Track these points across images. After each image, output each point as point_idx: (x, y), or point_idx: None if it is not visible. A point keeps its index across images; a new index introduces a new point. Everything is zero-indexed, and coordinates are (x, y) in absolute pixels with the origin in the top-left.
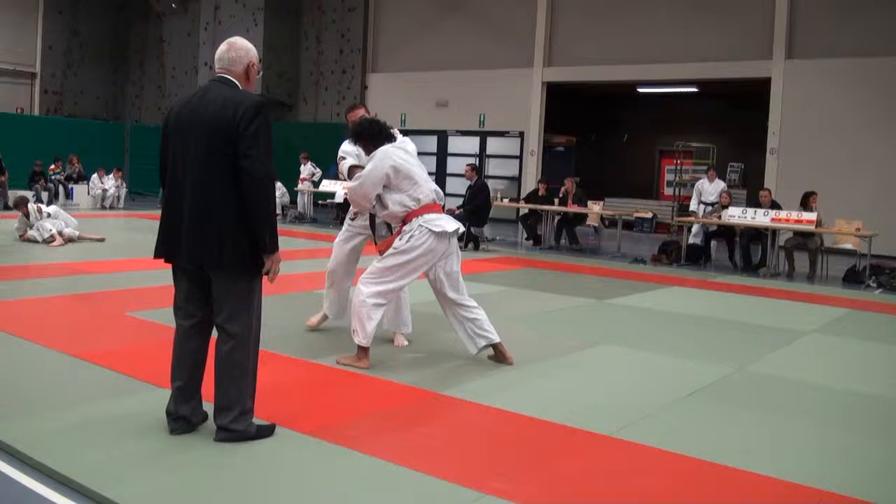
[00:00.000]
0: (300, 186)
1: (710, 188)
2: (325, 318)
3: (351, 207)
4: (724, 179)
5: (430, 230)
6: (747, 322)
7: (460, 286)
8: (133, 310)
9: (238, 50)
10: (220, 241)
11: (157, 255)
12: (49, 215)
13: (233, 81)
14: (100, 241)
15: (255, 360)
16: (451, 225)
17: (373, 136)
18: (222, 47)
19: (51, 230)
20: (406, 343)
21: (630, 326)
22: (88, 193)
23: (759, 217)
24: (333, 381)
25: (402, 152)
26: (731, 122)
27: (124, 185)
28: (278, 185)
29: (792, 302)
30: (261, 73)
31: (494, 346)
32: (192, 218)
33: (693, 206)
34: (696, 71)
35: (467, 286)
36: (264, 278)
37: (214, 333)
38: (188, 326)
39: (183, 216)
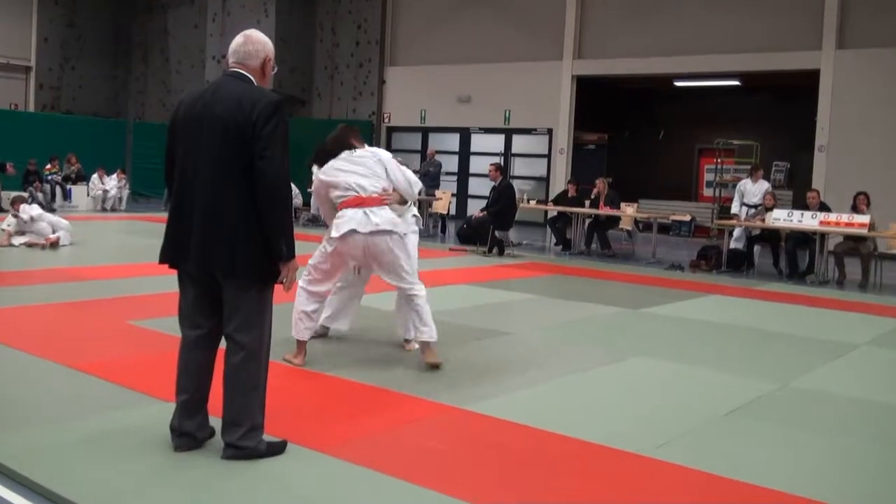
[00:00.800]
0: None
1: (753, 189)
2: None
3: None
4: (768, 179)
5: (331, 236)
6: (793, 334)
7: (401, 275)
8: (136, 318)
9: (255, 43)
10: (232, 246)
11: (162, 260)
12: (32, 219)
13: (248, 77)
14: (53, 244)
15: (266, 372)
16: (347, 225)
17: (322, 156)
18: (238, 39)
19: (56, 234)
20: (416, 346)
21: (665, 338)
22: (88, 195)
23: (807, 220)
24: (347, 394)
25: (339, 161)
26: (776, 117)
27: (127, 185)
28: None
29: (842, 312)
30: (276, 70)
31: (424, 344)
32: (202, 221)
33: (735, 208)
34: (737, 62)
35: (491, 293)
36: (277, 286)
37: (222, 344)
38: (195, 337)
39: (192, 219)
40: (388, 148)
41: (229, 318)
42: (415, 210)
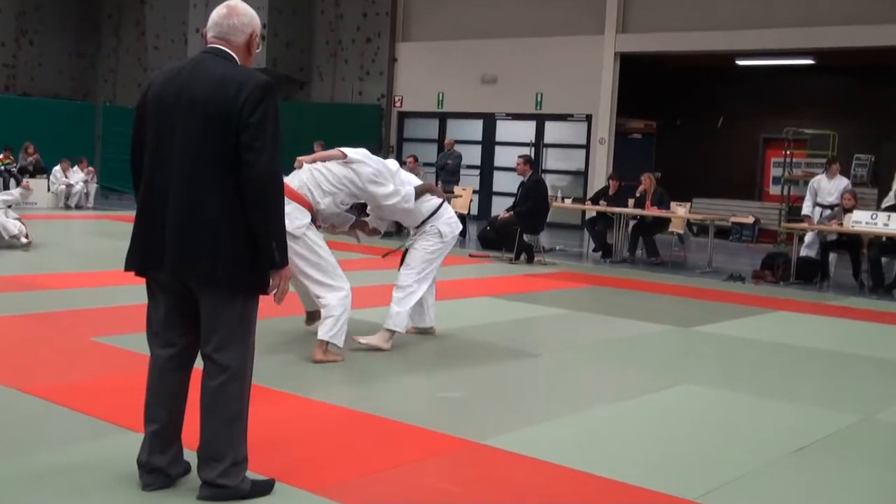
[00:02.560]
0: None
1: (828, 186)
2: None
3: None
4: (847, 175)
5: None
6: (877, 357)
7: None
8: (101, 334)
9: (241, 16)
10: (213, 251)
11: (128, 267)
12: None
13: (230, 55)
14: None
15: (249, 398)
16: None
17: None
18: (220, 11)
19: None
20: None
21: (722, 361)
22: (49, 190)
23: (894, 224)
24: (346, 425)
25: None
26: (856, 102)
27: (94, 179)
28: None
29: None
30: (260, 47)
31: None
32: (178, 222)
33: (807, 209)
34: (811, 37)
35: (517, 307)
36: (263, 298)
37: (198, 363)
38: (167, 357)
39: (165, 219)
40: (400, 136)
41: (208, 336)
42: (441, 217)
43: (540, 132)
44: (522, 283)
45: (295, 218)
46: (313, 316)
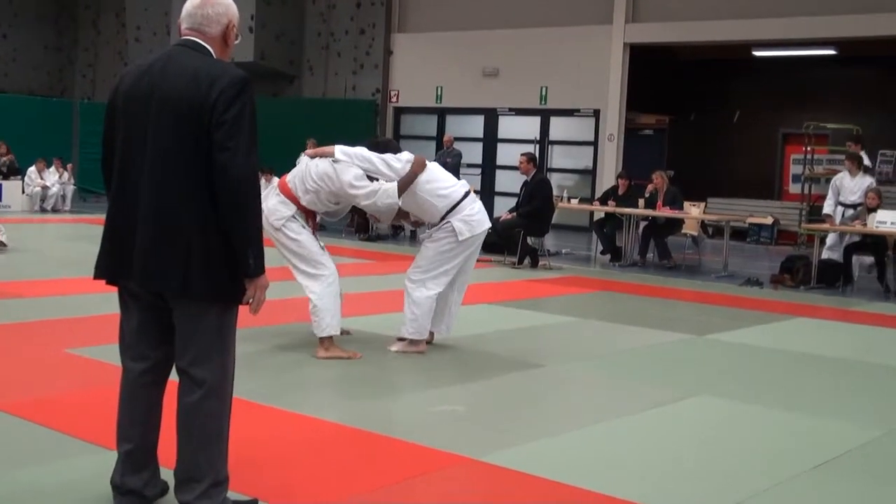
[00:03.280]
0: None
1: (851, 185)
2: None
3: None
4: (871, 173)
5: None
6: None
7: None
8: (75, 346)
9: (216, 5)
10: (185, 258)
11: (98, 275)
12: None
13: (205, 47)
14: None
15: (230, 414)
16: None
17: None
18: (193, 1)
19: None
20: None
21: (738, 372)
22: (24, 192)
23: None
24: (336, 441)
25: None
26: (881, 95)
27: (72, 181)
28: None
29: None
30: (239, 39)
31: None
32: (148, 228)
33: (828, 208)
34: (833, 27)
35: (521, 315)
36: (242, 308)
37: (174, 376)
38: (140, 371)
39: (135, 225)
40: (396, 134)
41: (183, 349)
42: (460, 212)
43: (545, 128)
44: (526, 288)
45: (276, 210)
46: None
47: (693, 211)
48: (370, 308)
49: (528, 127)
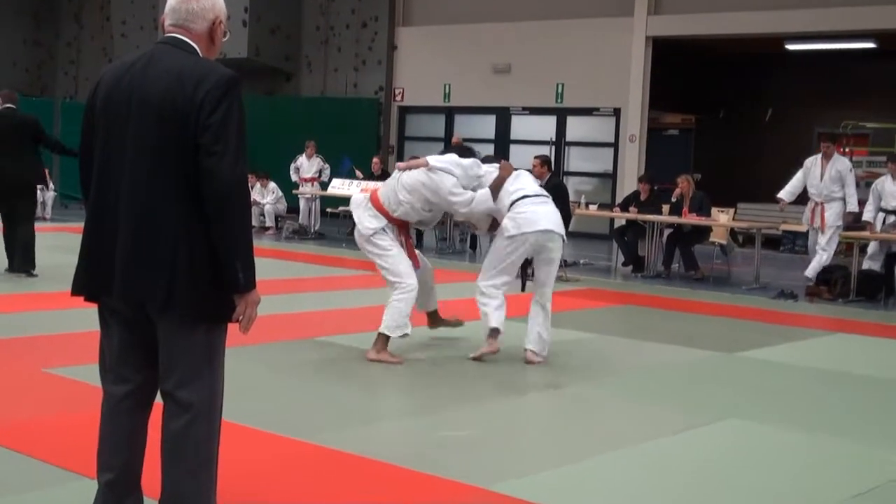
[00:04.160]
0: (303, 189)
1: (894, 189)
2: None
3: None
4: None
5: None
6: None
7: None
8: (54, 365)
9: (202, 0)
10: (171, 272)
11: (76, 292)
12: None
13: (190, 45)
14: None
15: (219, 440)
16: None
17: None
18: None
19: None
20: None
21: (771, 393)
22: None
23: None
24: (333, 467)
25: None
26: None
27: (52, 187)
28: (272, 186)
29: None
30: (227, 36)
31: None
32: (129, 238)
33: (868, 214)
34: (872, 18)
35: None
36: (232, 326)
37: (158, 400)
38: (122, 395)
39: (115, 235)
40: (401, 135)
41: (168, 370)
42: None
43: (561, 129)
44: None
45: (366, 222)
46: (434, 318)
47: (721, 217)
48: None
49: (543, 127)
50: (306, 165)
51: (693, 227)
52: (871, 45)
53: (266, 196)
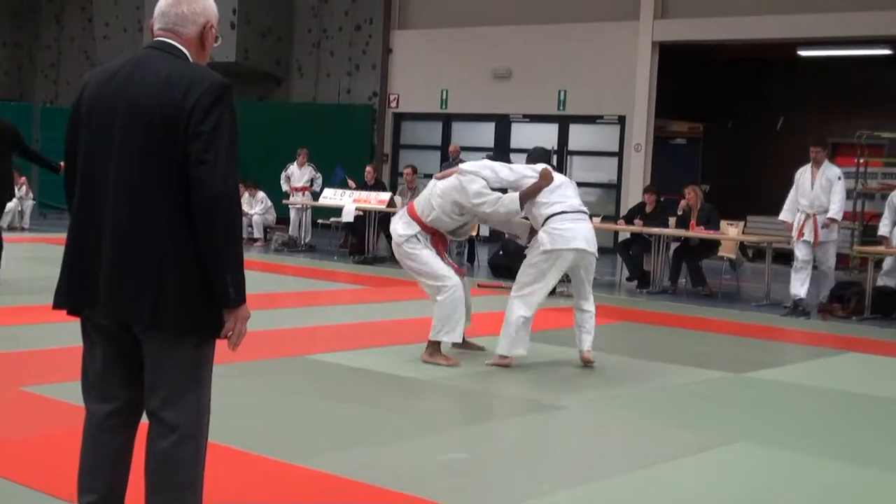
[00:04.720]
0: (293, 199)
1: None
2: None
3: None
4: None
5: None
6: None
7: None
8: (33, 383)
9: (192, 3)
10: (157, 286)
11: (57, 304)
12: None
13: (180, 50)
14: None
15: (204, 462)
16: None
17: None
18: None
19: None
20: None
21: (783, 415)
22: None
23: None
24: (326, 493)
25: None
26: None
27: (30, 195)
28: (261, 196)
29: None
30: (219, 41)
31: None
32: (114, 250)
33: (884, 228)
34: (888, 23)
35: (537, 349)
36: (219, 342)
37: (144, 420)
38: (105, 414)
39: (99, 247)
40: (395, 143)
41: (153, 389)
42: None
43: (563, 137)
44: (541, 319)
45: (400, 229)
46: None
47: (731, 231)
48: (358, 342)
49: (545, 135)
50: (297, 174)
51: (701, 240)
52: (886, 51)
53: (255, 206)
